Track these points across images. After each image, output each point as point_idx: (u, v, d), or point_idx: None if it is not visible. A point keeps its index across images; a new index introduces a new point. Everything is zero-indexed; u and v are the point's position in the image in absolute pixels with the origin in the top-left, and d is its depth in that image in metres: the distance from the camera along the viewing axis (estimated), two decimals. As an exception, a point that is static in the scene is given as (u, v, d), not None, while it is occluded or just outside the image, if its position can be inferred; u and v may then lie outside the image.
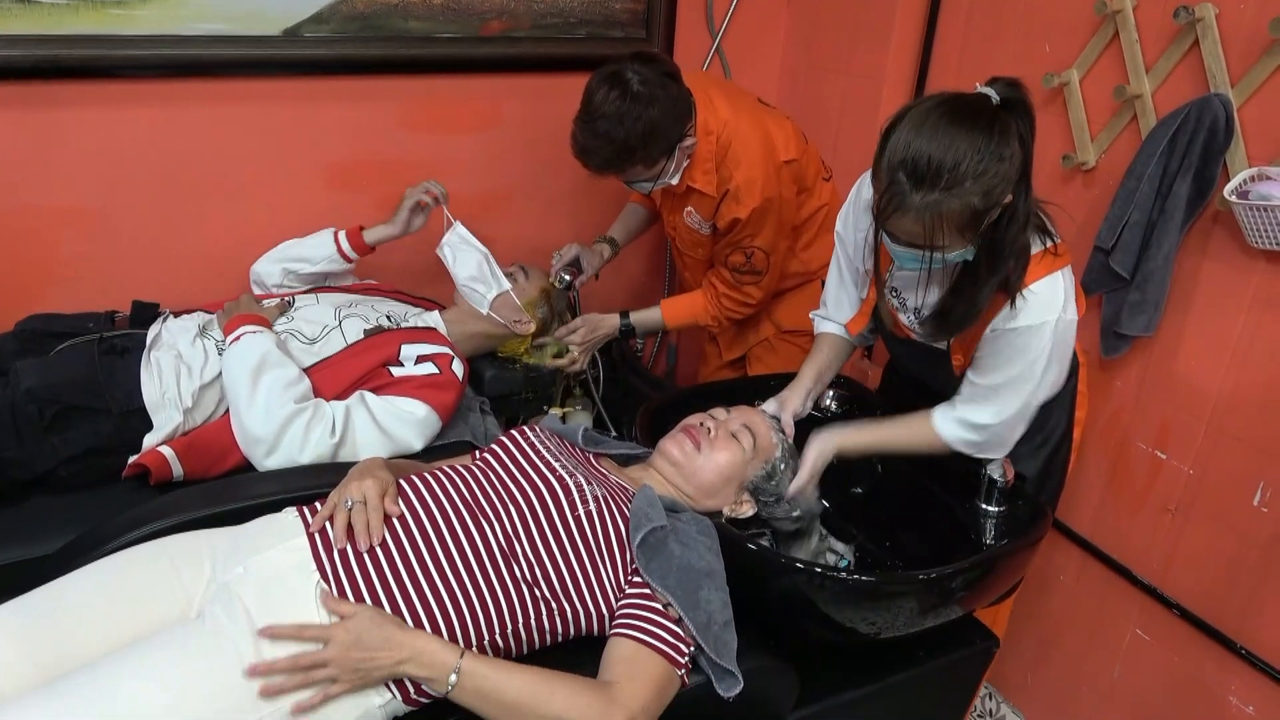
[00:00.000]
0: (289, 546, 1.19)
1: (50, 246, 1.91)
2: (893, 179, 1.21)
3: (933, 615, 1.42)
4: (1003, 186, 1.21)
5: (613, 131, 1.71)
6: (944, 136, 1.18)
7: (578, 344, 2.04)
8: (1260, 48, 1.46)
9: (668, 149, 1.79)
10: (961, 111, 1.20)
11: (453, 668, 1.09)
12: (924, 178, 1.19)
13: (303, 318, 1.76)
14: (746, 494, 1.48)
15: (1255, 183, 1.46)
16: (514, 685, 1.10)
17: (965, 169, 1.17)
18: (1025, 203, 1.27)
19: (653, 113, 1.71)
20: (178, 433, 1.56)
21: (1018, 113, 1.23)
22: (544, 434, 1.42)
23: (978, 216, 1.22)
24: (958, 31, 2.02)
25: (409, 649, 1.10)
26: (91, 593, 1.16)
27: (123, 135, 1.88)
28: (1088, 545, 1.90)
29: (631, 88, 1.70)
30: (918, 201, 1.20)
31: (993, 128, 1.19)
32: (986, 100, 1.22)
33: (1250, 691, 1.64)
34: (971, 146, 1.17)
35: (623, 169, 1.78)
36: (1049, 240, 1.36)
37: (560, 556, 1.22)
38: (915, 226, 1.23)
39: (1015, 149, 1.21)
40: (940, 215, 1.20)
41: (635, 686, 1.13)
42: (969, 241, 1.27)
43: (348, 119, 2.07)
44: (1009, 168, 1.21)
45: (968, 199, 1.19)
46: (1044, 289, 1.34)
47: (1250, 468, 1.59)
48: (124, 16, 1.76)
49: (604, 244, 2.19)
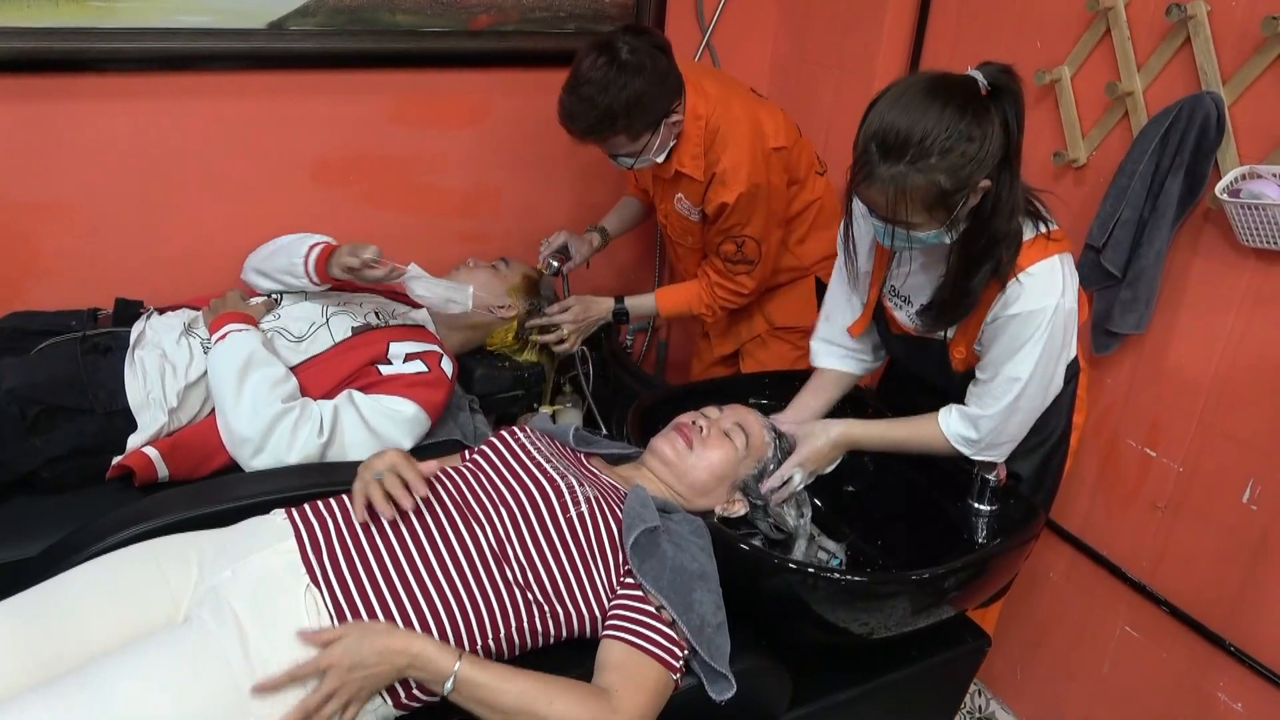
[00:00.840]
0: (278, 549, 1.17)
1: (30, 242, 1.88)
2: (865, 149, 1.24)
3: (925, 615, 1.42)
4: (972, 169, 1.22)
5: (597, 98, 1.69)
6: (915, 111, 1.20)
7: (569, 322, 2.01)
8: (1252, 45, 1.45)
9: (652, 122, 1.78)
10: (940, 89, 1.22)
11: (450, 672, 1.08)
12: (891, 149, 1.21)
13: (290, 315, 1.74)
14: (739, 493, 1.47)
15: (1246, 181, 1.46)
16: (512, 690, 1.09)
17: (931, 144, 1.19)
18: (1010, 189, 1.28)
19: (639, 82, 1.69)
20: (163, 433, 1.54)
21: (1005, 98, 1.23)
22: (534, 434, 1.41)
23: (945, 196, 1.23)
24: (949, 26, 2.01)
25: (406, 655, 1.08)
26: (79, 595, 1.14)
27: (105, 129, 1.85)
28: (1077, 542, 1.91)
29: (620, 56, 1.69)
30: (884, 173, 1.22)
31: (966, 108, 1.20)
32: (971, 82, 1.23)
33: (1239, 688, 1.65)
34: (940, 123, 1.19)
35: (605, 137, 1.76)
36: (1043, 225, 1.36)
37: (552, 559, 1.21)
38: (880, 198, 1.25)
39: (992, 132, 1.21)
40: (904, 189, 1.22)
41: (632, 693, 1.13)
42: (939, 222, 1.28)
43: (334, 113, 2.05)
44: (979, 150, 1.21)
45: (932, 175, 1.20)
46: (1042, 271, 1.34)
47: (1240, 465, 1.59)
48: (105, 9, 1.73)
49: (594, 233, 2.17)
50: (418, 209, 2.23)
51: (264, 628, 1.09)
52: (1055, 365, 1.42)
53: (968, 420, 1.47)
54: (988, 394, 1.43)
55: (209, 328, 1.63)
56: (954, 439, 1.48)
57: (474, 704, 1.09)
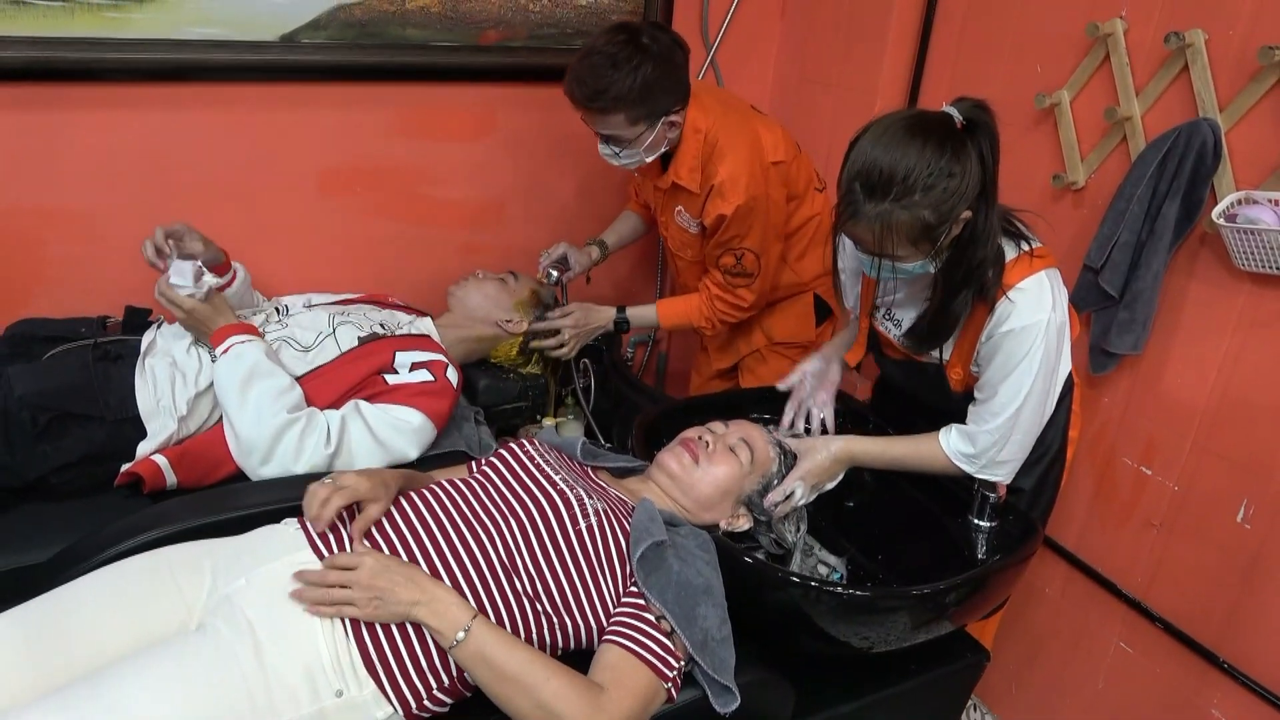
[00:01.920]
0: (292, 560, 1.19)
1: (40, 248, 1.89)
2: (849, 188, 1.28)
3: (925, 630, 1.43)
4: (954, 202, 1.26)
5: (605, 69, 1.71)
6: (897, 150, 1.24)
7: (570, 327, 2.02)
8: (1248, 74, 1.49)
9: (651, 115, 1.79)
10: (918, 127, 1.25)
11: (463, 625, 1.12)
12: (875, 188, 1.25)
13: (297, 324, 1.75)
14: (743, 508, 1.49)
15: (1242, 206, 1.49)
16: (515, 659, 1.12)
17: (914, 181, 1.23)
18: (987, 220, 1.32)
19: (650, 67, 1.72)
20: (172, 441, 1.55)
21: (979, 133, 1.27)
22: (542, 447, 1.42)
23: (929, 230, 1.27)
24: (950, 48, 2.05)
25: (428, 594, 1.14)
26: (91, 602, 1.15)
27: (116, 138, 1.87)
28: (1073, 559, 1.93)
29: (640, 39, 1.73)
30: (869, 211, 1.26)
31: (945, 145, 1.24)
32: (948, 119, 1.27)
33: (1232, 705, 1.67)
34: (922, 160, 1.23)
35: (604, 111, 1.76)
36: (1024, 244, 1.40)
37: (561, 570, 1.23)
38: (866, 234, 1.29)
39: (971, 167, 1.26)
40: (890, 225, 1.26)
41: (622, 695, 1.15)
42: (924, 254, 1.32)
43: (343, 125, 2.07)
44: (961, 184, 1.25)
45: (917, 211, 1.24)
46: (1030, 287, 1.37)
47: (1234, 485, 1.62)
48: (120, 20, 1.75)
49: (593, 246, 2.19)
50: (422, 220, 2.25)
51: (278, 636, 1.10)
52: (1051, 379, 1.45)
53: (966, 437, 1.49)
54: (986, 411, 1.46)
55: (210, 340, 1.62)
56: (954, 455, 1.50)
57: (478, 662, 1.12)
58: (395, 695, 1.13)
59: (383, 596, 1.13)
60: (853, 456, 1.59)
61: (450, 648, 1.13)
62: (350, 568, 1.15)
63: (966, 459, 1.49)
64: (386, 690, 1.13)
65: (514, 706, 1.12)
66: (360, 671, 1.12)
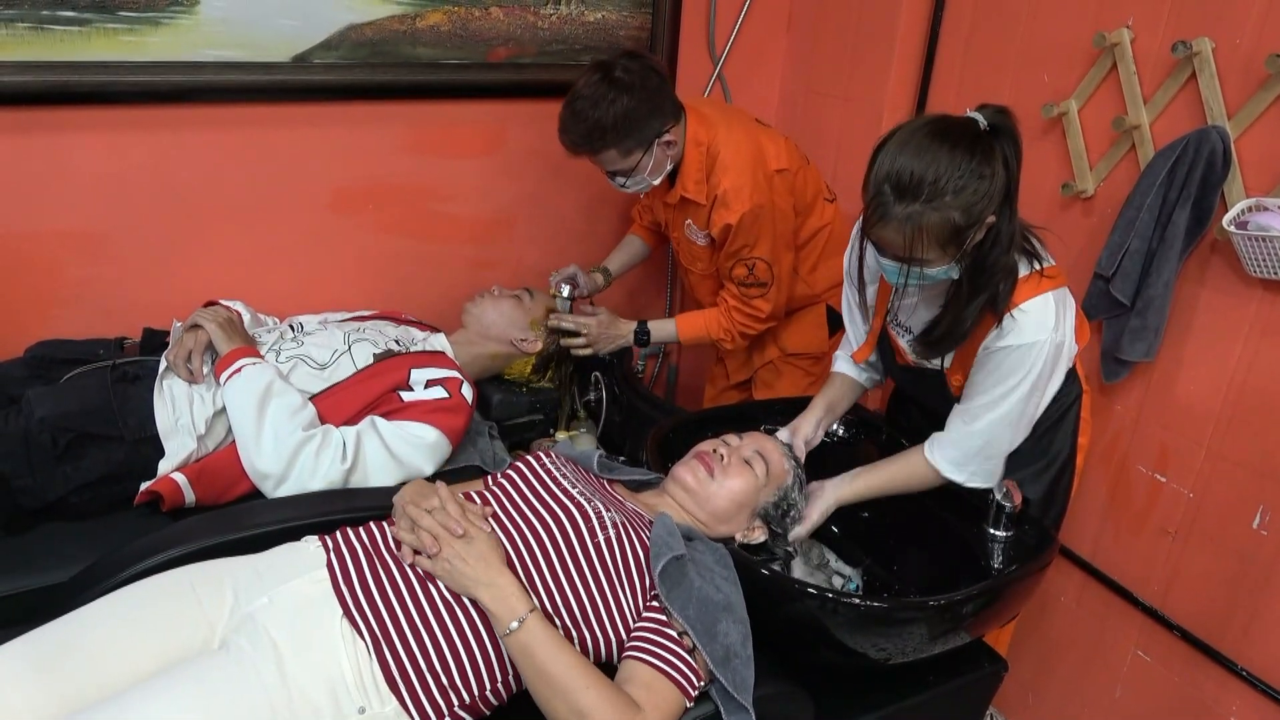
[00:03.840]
0: (313, 577, 1.20)
1: (55, 270, 1.91)
2: (878, 190, 1.28)
3: (942, 641, 1.43)
4: (983, 205, 1.26)
5: (587, 111, 1.77)
6: (927, 153, 1.24)
7: (594, 326, 2.03)
8: (1256, 81, 1.49)
9: (643, 141, 1.83)
10: (946, 131, 1.26)
11: (519, 615, 1.14)
12: (906, 190, 1.25)
13: (312, 343, 1.76)
14: (759, 520, 1.49)
15: (1253, 213, 1.50)
16: (560, 661, 1.13)
17: (945, 184, 1.23)
18: (1009, 224, 1.33)
19: (628, 99, 1.76)
20: (191, 459, 1.56)
21: (1004, 137, 1.28)
22: (559, 459, 1.43)
23: (958, 232, 1.27)
24: (956, 59, 2.06)
25: (494, 578, 1.17)
26: (113, 622, 1.16)
27: (131, 160, 1.89)
28: (1088, 567, 1.93)
29: (613, 74, 1.77)
30: (899, 212, 1.26)
31: (974, 148, 1.25)
32: (973, 123, 1.28)
33: (1250, 712, 1.67)
34: (952, 163, 1.24)
35: (596, 150, 1.82)
36: (1037, 263, 1.41)
37: (580, 584, 1.23)
38: (896, 237, 1.29)
39: (998, 170, 1.26)
40: (920, 227, 1.26)
41: (657, 716, 1.15)
42: (950, 258, 1.32)
43: (355, 144, 2.08)
44: (989, 186, 1.26)
45: (947, 213, 1.25)
46: (1035, 308, 1.38)
47: (1249, 491, 1.61)
48: (136, 43, 1.77)
49: (598, 273, 2.21)
50: (432, 237, 2.26)
51: (302, 654, 1.11)
52: (1041, 395, 1.47)
53: (948, 442, 1.51)
54: (968, 413, 1.48)
55: (216, 365, 1.62)
56: (940, 463, 1.52)
57: (525, 656, 1.14)
58: (417, 711, 1.14)
59: (454, 561, 1.17)
60: (839, 500, 1.59)
61: (503, 635, 1.15)
62: (460, 534, 1.20)
63: (953, 464, 1.52)
64: (408, 706, 1.13)
65: (551, 708, 1.14)
66: (382, 688, 1.13)
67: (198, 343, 1.64)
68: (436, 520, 1.22)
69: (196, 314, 1.70)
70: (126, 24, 1.75)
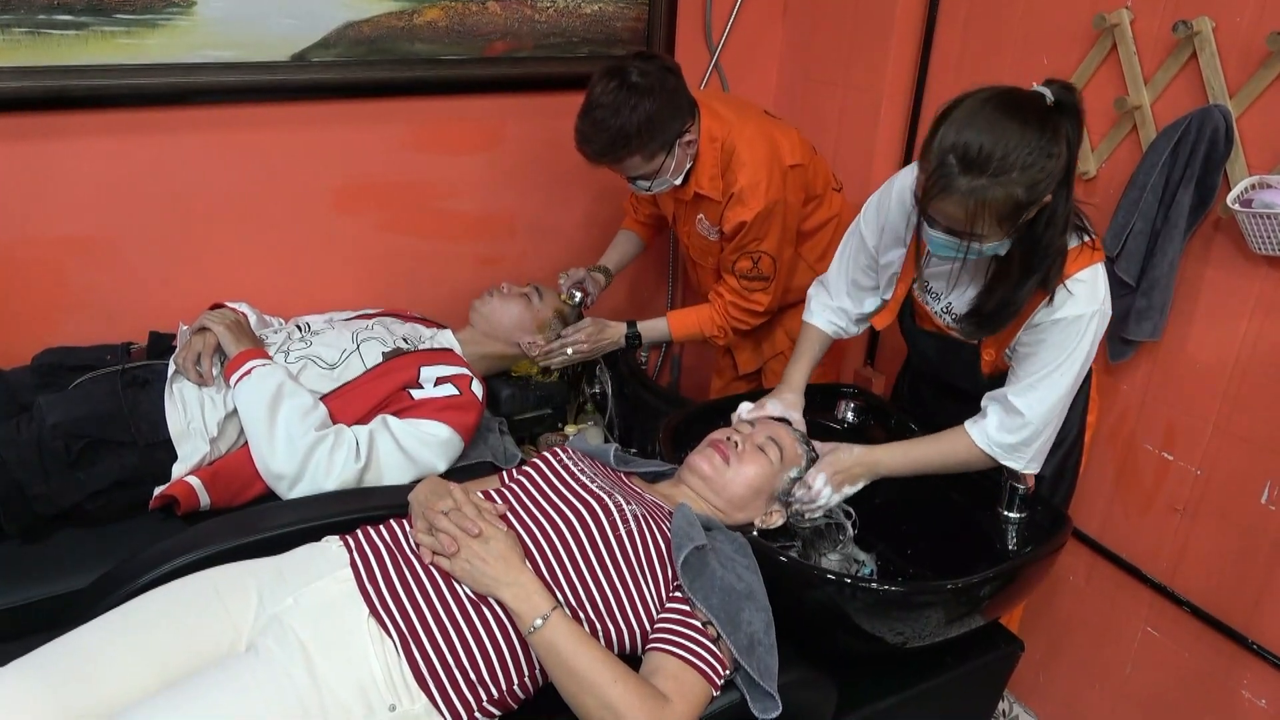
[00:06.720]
0: (337, 577, 1.20)
1: (60, 276, 1.90)
2: (942, 161, 1.24)
3: (958, 624, 1.44)
4: (1046, 183, 1.25)
5: (610, 120, 1.74)
6: (997, 127, 1.22)
7: (582, 342, 2.02)
8: (1257, 59, 1.50)
9: (665, 144, 1.82)
10: (1015, 105, 1.24)
11: (542, 613, 1.15)
12: (973, 163, 1.22)
13: (321, 343, 1.76)
14: (777, 504, 1.50)
15: (1256, 191, 1.51)
16: (584, 657, 1.14)
17: (1014, 159, 1.21)
18: (1065, 205, 1.31)
19: (649, 103, 1.74)
20: (204, 462, 1.56)
21: (1068, 115, 1.26)
22: (575, 454, 1.44)
23: (1019, 209, 1.25)
24: (955, 43, 2.06)
25: (516, 577, 1.18)
26: (140, 626, 1.16)
27: (131, 163, 1.88)
28: (1097, 545, 1.94)
29: (630, 79, 1.74)
30: (964, 185, 1.23)
31: (1044, 125, 1.23)
32: (1040, 98, 1.26)
33: (1262, 685, 1.69)
34: (1023, 139, 1.21)
35: (620, 159, 1.80)
36: (1086, 235, 1.40)
37: (604, 577, 1.24)
38: (958, 211, 1.26)
39: (1063, 149, 1.24)
40: (984, 201, 1.23)
41: (685, 706, 1.15)
42: (1006, 234, 1.30)
43: (355, 142, 2.08)
44: (1055, 165, 1.24)
45: (1012, 189, 1.22)
46: (1089, 278, 1.37)
47: (1257, 467, 1.63)
48: (133, 45, 1.76)
49: (598, 273, 2.21)
50: (433, 233, 2.26)
51: (331, 654, 1.11)
52: (1086, 369, 1.45)
53: (1007, 428, 1.46)
54: (1031, 395, 1.43)
55: (226, 368, 1.62)
56: (991, 447, 1.48)
57: (550, 653, 1.14)
58: (446, 708, 1.14)
59: (474, 562, 1.18)
60: (877, 462, 1.56)
61: (527, 633, 1.15)
62: (477, 534, 1.20)
63: (1008, 450, 1.47)
64: (438, 703, 1.14)
65: (579, 703, 1.14)
66: (412, 686, 1.13)
67: (206, 345, 1.64)
68: (453, 521, 1.22)
69: (203, 317, 1.69)
70: (124, 26, 1.74)
